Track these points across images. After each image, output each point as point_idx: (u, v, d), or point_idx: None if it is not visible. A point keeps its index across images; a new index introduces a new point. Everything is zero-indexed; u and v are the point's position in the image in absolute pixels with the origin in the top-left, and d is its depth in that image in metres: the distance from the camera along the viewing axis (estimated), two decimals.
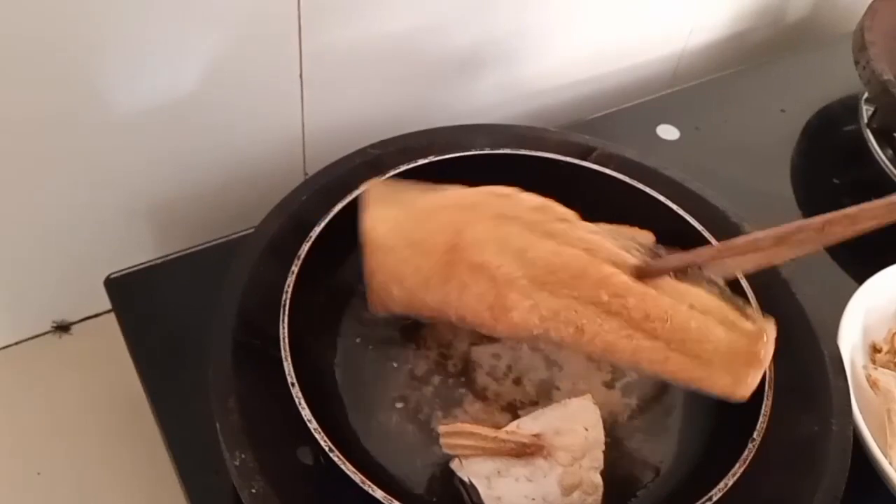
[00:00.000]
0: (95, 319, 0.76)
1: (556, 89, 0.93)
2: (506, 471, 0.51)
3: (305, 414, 0.49)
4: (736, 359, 0.48)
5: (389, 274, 0.53)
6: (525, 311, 0.50)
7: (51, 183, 0.65)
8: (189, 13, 0.60)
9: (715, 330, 0.49)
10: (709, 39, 1.01)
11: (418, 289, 0.53)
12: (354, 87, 0.76)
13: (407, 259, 0.53)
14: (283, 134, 0.75)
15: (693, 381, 0.49)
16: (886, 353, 0.64)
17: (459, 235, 0.52)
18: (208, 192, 0.74)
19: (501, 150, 0.66)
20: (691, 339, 0.49)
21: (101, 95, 0.61)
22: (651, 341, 0.49)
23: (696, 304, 0.50)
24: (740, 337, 0.49)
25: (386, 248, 0.54)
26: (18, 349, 0.74)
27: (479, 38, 0.80)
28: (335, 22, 0.69)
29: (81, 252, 0.70)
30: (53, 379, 0.72)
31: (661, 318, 0.49)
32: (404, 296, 0.53)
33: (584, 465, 0.50)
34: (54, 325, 0.75)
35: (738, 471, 0.48)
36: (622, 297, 0.49)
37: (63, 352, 0.74)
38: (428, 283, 0.52)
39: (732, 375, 0.48)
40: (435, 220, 0.55)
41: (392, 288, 0.53)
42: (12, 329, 0.74)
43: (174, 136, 0.68)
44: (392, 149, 0.66)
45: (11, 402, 0.70)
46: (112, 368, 0.68)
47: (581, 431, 0.51)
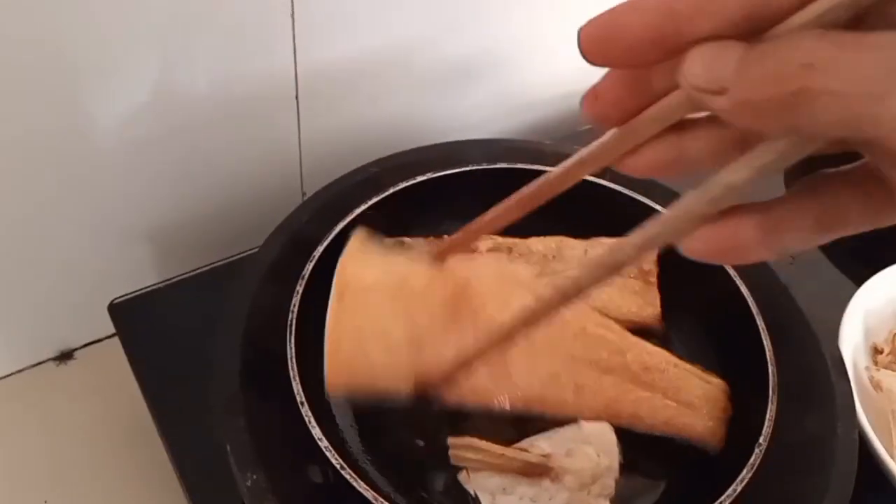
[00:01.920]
0: (98, 345, 0.76)
1: (551, 100, 0.93)
2: (511, 489, 0.51)
3: (316, 433, 0.49)
4: (716, 405, 0.54)
5: (370, 333, 0.48)
6: (525, 375, 0.51)
7: (50, 211, 0.65)
8: (182, 36, 0.61)
9: (696, 380, 0.55)
10: None
11: (405, 347, 0.47)
12: (350, 105, 0.76)
13: (394, 316, 0.48)
14: (279, 154, 0.75)
15: (681, 428, 0.53)
16: (888, 354, 0.64)
17: (462, 290, 0.50)
18: (207, 214, 0.74)
19: (498, 165, 0.67)
20: (685, 388, 0.54)
21: (98, 122, 0.62)
22: (650, 392, 0.53)
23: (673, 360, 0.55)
24: (713, 388, 0.55)
25: (368, 297, 0.49)
26: (21, 377, 0.74)
27: (473, 51, 0.81)
28: (329, 40, 0.69)
29: (83, 278, 0.70)
30: (58, 406, 0.72)
31: (659, 369, 0.54)
32: (384, 359, 0.48)
33: (592, 491, 0.50)
34: (57, 353, 0.75)
35: (745, 476, 0.48)
36: (621, 353, 0.53)
37: (67, 378, 0.74)
38: (417, 339, 0.48)
39: (713, 420, 0.54)
40: (431, 272, 0.51)
41: (370, 351, 0.47)
42: (15, 357, 0.73)
43: (172, 161, 0.68)
44: (390, 166, 0.66)
45: (17, 430, 0.70)
46: (117, 393, 0.69)
47: (593, 457, 0.51)
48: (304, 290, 0.55)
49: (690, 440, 0.54)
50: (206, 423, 0.52)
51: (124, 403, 0.68)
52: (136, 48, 0.59)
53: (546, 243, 0.64)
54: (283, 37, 0.66)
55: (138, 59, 0.60)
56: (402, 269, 0.50)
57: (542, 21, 0.83)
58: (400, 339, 0.48)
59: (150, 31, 0.59)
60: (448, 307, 0.49)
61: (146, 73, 0.62)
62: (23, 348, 0.73)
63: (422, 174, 0.64)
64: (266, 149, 0.74)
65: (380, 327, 0.48)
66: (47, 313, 0.72)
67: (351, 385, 0.47)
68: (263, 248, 0.60)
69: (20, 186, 0.62)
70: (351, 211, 0.61)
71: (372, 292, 0.48)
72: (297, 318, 0.54)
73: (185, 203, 0.72)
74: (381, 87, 0.77)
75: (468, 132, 0.80)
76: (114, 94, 0.61)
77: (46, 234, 0.66)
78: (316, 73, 0.70)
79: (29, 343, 0.74)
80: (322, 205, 0.63)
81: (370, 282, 0.49)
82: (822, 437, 0.53)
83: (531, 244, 0.63)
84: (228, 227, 0.76)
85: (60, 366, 0.75)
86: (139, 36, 0.59)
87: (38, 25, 0.54)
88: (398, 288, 0.49)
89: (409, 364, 0.47)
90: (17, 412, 0.71)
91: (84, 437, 0.70)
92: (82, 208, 0.66)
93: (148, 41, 0.60)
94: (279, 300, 0.55)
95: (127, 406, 0.67)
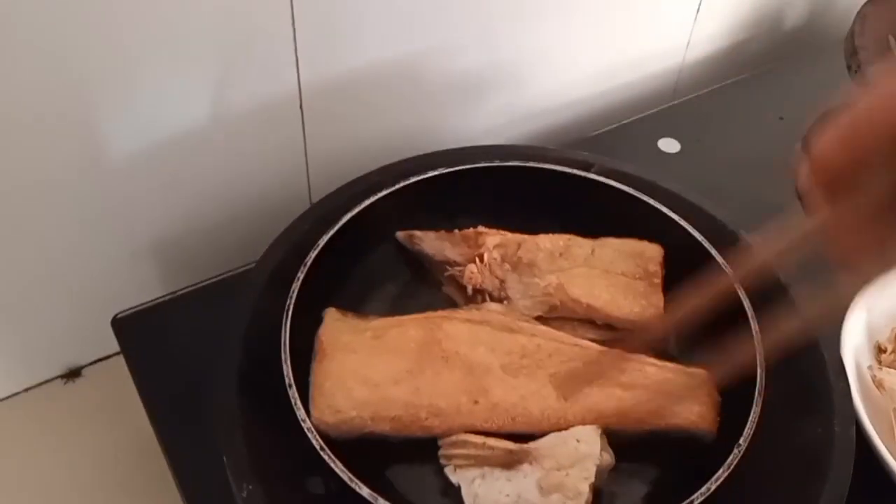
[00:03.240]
0: (106, 362, 0.76)
1: (558, 109, 0.94)
2: (490, 474, 0.52)
3: (316, 443, 0.49)
4: (701, 391, 0.56)
5: (352, 372, 0.54)
6: (504, 392, 0.54)
7: (57, 229, 0.65)
8: (185, 50, 0.61)
9: (677, 374, 0.57)
10: (707, 52, 1.02)
11: (387, 384, 0.54)
12: (355, 115, 0.76)
13: (373, 357, 0.55)
14: (286, 164, 0.76)
15: (670, 418, 0.54)
16: (891, 353, 0.64)
17: (432, 332, 0.56)
18: (215, 226, 0.75)
19: (508, 163, 0.68)
20: (667, 382, 0.56)
21: (103, 137, 0.62)
22: (631, 392, 0.55)
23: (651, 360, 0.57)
24: (695, 377, 0.56)
25: (348, 348, 0.55)
26: (29, 395, 0.74)
27: (479, 61, 0.81)
28: (332, 51, 0.70)
29: (90, 295, 0.71)
30: (66, 424, 0.72)
31: (638, 370, 0.55)
32: (367, 394, 0.53)
33: (571, 473, 0.50)
34: (65, 370, 0.75)
35: (721, 475, 0.48)
36: (598, 362, 0.55)
37: (75, 396, 0.74)
38: (398, 375, 0.54)
39: (701, 405, 0.55)
40: (404, 324, 0.57)
41: (353, 387, 0.53)
42: (23, 375, 0.74)
43: (177, 174, 0.69)
44: (394, 173, 0.67)
45: (25, 448, 0.70)
46: (125, 411, 0.68)
47: (572, 443, 0.52)
48: (297, 296, 0.56)
49: (682, 429, 0.54)
50: (211, 437, 0.52)
51: (133, 421, 0.67)
52: (142, 67, 0.60)
53: (554, 241, 0.64)
54: (285, 50, 0.67)
55: (144, 77, 0.61)
56: (375, 325, 0.57)
57: (547, 32, 0.84)
58: (379, 379, 0.54)
59: (155, 50, 0.60)
60: (422, 351, 0.55)
61: (152, 91, 0.62)
62: (30, 366, 0.74)
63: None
64: (272, 161, 0.75)
65: (360, 370, 0.54)
66: (54, 331, 0.72)
67: (336, 420, 0.52)
68: (263, 258, 0.61)
69: (27, 206, 0.62)
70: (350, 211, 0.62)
71: (350, 347, 0.55)
72: (290, 325, 0.55)
73: (193, 216, 0.73)
74: (387, 98, 0.78)
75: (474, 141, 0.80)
76: (121, 114, 0.62)
77: (53, 252, 0.67)
78: (320, 83, 0.71)
79: (36, 361, 0.74)
80: (323, 214, 0.64)
81: (347, 340, 0.56)
82: (820, 437, 0.53)
83: (539, 241, 0.64)
84: (236, 239, 0.76)
85: (68, 384, 0.75)
86: (145, 56, 0.60)
87: (48, 46, 0.55)
88: (374, 339, 0.56)
89: (389, 400, 0.53)
90: (25, 431, 0.71)
91: (92, 455, 0.70)
92: (89, 226, 0.67)
93: (153, 60, 0.60)
94: (278, 310, 0.56)
95: (135, 424, 0.66)
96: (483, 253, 0.63)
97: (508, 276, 0.62)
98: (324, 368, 0.54)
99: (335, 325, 0.57)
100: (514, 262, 0.63)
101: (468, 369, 0.55)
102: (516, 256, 0.63)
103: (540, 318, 0.61)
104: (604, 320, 0.61)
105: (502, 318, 0.59)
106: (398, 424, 0.53)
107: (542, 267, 0.62)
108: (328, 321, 0.58)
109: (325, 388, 0.53)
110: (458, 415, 0.53)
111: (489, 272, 0.62)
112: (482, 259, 0.62)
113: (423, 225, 0.66)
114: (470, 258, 0.63)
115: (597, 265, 0.63)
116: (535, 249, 0.64)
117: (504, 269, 0.63)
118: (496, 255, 0.63)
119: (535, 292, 0.61)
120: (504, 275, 0.62)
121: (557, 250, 0.64)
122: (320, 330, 0.57)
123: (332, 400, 0.53)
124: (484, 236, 0.64)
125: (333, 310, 0.59)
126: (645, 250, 0.64)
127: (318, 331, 0.57)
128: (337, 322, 0.58)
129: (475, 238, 0.64)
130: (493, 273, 0.62)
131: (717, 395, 0.56)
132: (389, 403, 0.53)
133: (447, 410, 0.53)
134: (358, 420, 0.53)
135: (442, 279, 0.65)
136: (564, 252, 0.64)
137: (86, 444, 0.70)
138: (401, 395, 0.53)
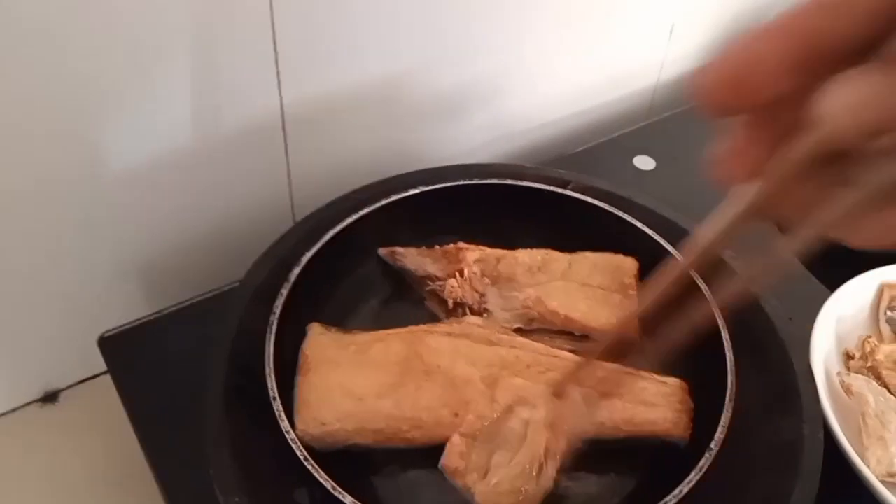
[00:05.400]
0: (84, 385, 0.75)
1: (536, 128, 0.95)
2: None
3: (301, 454, 0.51)
4: (675, 399, 0.57)
5: (336, 385, 0.55)
6: (484, 404, 0.55)
7: (39, 251, 0.65)
8: (170, 77, 0.63)
9: (652, 383, 0.58)
10: (680, 72, 1.04)
11: (369, 396, 0.55)
12: (337, 135, 0.77)
13: (357, 371, 0.56)
14: (270, 183, 0.76)
15: (644, 425, 0.56)
16: (859, 360, 0.66)
17: (414, 346, 0.58)
18: (200, 245, 0.75)
19: (487, 181, 0.70)
20: (642, 391, 0.57)
21: (86, 158, 0.63)
22: (608, 400, 0.56)
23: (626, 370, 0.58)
24: (669, 386, 0.58)
25: (332, 362, 0.57)
26: (5, 420, 0.73)
27: (458, 82, 0.83)
28: (314, 73, 0.71)
29: (70, 317, 0.70)
30: (44, 448, 0.71)
31: (613, 379, 0.57)
32: (350, 407, 0.55)
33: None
34: (42, 394, 0.74)
35: (693, 479, 0.50)
36: (574, 372, 0.55)
37: (52, 420, 0.73)
38: (381, 389, 0.55)
39: (674, 412, 0.56)
40: (387, 339, 0.59)
41: (336, 400, 0.55)
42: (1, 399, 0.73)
43: (161, 195, 0.69)
44: (376, 192, 0.68)
45: (1, 474, 0.69)
46: (104, 434, 0.68)
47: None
48: (281, 311, 0.58)
49: (656, 435, 0.56)
50: (199, 455, 0.52)
51: (111, 445, 0.68)
52: (127, 91, 0.61)
53: (532, 255, 0.66)
54: (268, 72, 0.68)
55: (129, 101, 0.62)
56: (358, 340, 0.59)
57: (524, 54, 0.86)
58: (362, 392, 0.55)
59: (139, 71, 0.61)
60: (404, 364, 0.57)
61: (135, 114, 0.63)
62: (6, 390, 0.73)
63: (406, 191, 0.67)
64: (256, 180, 0.75)
65: (344, 383, 0.55)
66: (32, 354, 0.72)
67: (320, 433, 0.54)
68: (248, 275, 0.62)
69: (7, 227, 0.62)
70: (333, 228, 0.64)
71: (334, 361, 0.57)
72: (275, 339, 0.56)
73: (178, 236, 0.74)
74: (368, 119, 0.79)
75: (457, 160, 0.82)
76: (106, 137, 0.63)
77: (34, 274, 0.67)
78: (302, 104, 0.72)
79: (13, 384, 0.73)
80: (308, 231, 0.65)
81: (331, 354, 0.57)
82: (790, 440, 0.55)
83: (518, 256, 0.66)
84: (221, 257, 0.77)
85: (45, 407, 0.74)
86: (128, 78, 0.60)
87: (35, 69, 0.56)
88: (357, 353, 0.57)
89: (372, 413, 0.54)
90: (1, 456, 0.70)
91: (70, 480, 0.69)
92: (73, 247, 0.67)
93: (137, 82, 0.61)
94: (263, 325, 0.57)
95: (114, 448, 0.67)
96: (463, 268, 0.64)
97: (488, 290, 0.64)
98: (308, 382, 0.56)
99: (319, 339, 0.59)
100: (493, 276, 0.64)
101: (449, 382, 0.56)
102: (496, 271, 0.65)
103: (519, 331, 0.63)
104: (581, 331, 0.62)
105: (482, 330, 0.60)
106: (381, 437, 0.54)
107: (521, 281, 0.64)
108: (312, 336, 0.59)
109: (309, 402, 0.55)
110: (440, 427, 0.54)
111: (469, 286, 0.64)
112: (462, 274, 0.64)
113: (405, 241, 0.68)
114: (451, 273, 0.65)
115: (574, 278, 0.65)
116: (513, 264, 0.65)
117: (484, 283, 0.64)
118: (476, 269, 0.64)
119: (514, 305, 0.63)
120: (484, 289, 0.64)
121: (536, 265, 0.66)
122: (305, 344, 0.58)
123: (316, 413, 0.54)
124: (464, 252, 0.65)
125: (317, 325, 0.60)
126: (621, 264, 0.66)
127: (302, 345, 0.58)
128: (321, 337, 0.59)
129: (456, 254, 0.66)
130: (473, 287, 0.64)
131: (690, 402, 0.57)
132: (372, 416, 0.54)
133: (428, 423, 0.54)
134: (342, 432, 0.54)
135: (423, 294, 0.67)
136: (542, 266, 0.66)
137: (64, 468, 0.70)
138: (383, 408, 0.55)
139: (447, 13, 0.76)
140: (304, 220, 0.67)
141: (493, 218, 0.68)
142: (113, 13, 0.56)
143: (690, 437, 0.56)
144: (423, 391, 0.56)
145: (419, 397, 0.55)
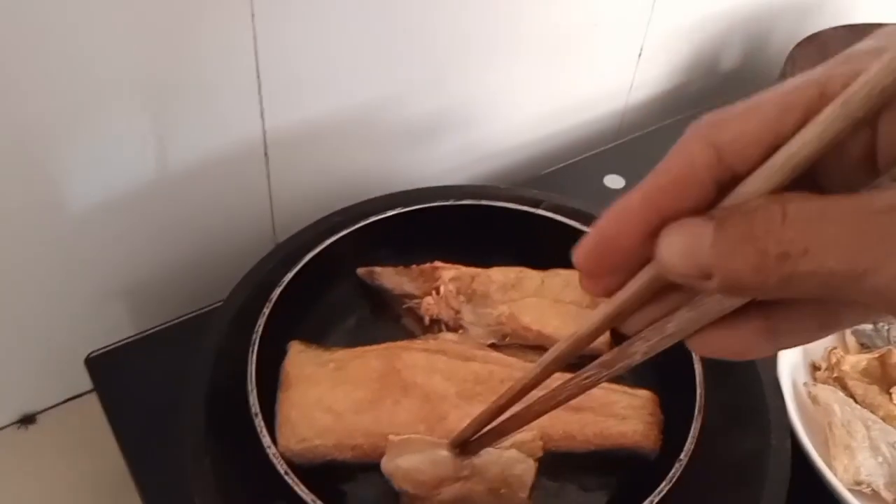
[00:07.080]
0: (62, 407, 0.75)
1: (508, 150, 0.97)
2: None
3: (281, 468, 0.52)
4: (644, 411, 0.59)
5: (315, 401, 0.57)
6: (459, 418, 0.55)
7: (20, 276, 0.66)
8: (152, 103, 0.64)
9: (622, 395, 0.59)
10: (649, 94, 1.07)
11: (349, 413, 0.56)
12: (317, 160, 0.79)
13: (336, 387, 0.58)
14: (252, 207, 0.78)
15: (614, 438, 0.57)
16: (825, 370, 0.68)
17: (391, 362, 0.59)
18: (183, 267, 0.76)
19: (462, 202, 0.72)
20: (612, 404, 0.58)
21: (71, 191, 0.64)
22: (579, 414, 0.57)
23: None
24: (639, 398, 0.60)
25: (312, 379, 0.58)
26: None
27: (433, 108, 0.85)
28: (295, 100, 0.72)
29: (49, 340, 0.71)
30: (21, 472, 0.71)
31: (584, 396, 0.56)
32: (329, 423, 0.56)
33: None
34: (19, 416, 0.74)
35: (664, 489, 0.51)
36: (546, 387, 0.56)
37: (30, 443, 0.73)
38: (359, 404, 0.57)
39: (643, 424, 0.58)
40: (365, 355, 0.60)
41: (316, 416, 0.56)
42: None
43: (145, 222, 0.71)
44: (354, 214, 0.70)
45: None
46: (82, 457, 0.69)
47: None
48: (263, 331, 0.59)
49: (626, 447, 0.57)
50: (181, 470, 0.53)
51: (90, 467, 0.68)
52: (108, 117, 0.62)
53: (506, 273, 0.68)
54: (250, 100, 0.69)
55: (110, 127, 0.63)
56: (337, 357, 0.60)
57: (495, 79, 0.87)
58: (341, 408, 0.56)
59: (121, 100, 0.62)
60: (382, 380, 0.58)
61: (118, 141, 0.64)
62: None
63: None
64: (239, 204, 0.77)
65: (323, 399, 0.57)
66: (10, 376, 0.72)
67: (301, 448, 0.55)
68: (229, 297, 0.63)
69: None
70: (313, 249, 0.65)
71: (314, 377, 0.58)
72: (257, 359, 0.57)
73: (159, 260, 0.75)
74: (347, 143, 0.80)
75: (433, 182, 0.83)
76: (87, 163, 0.64)
77: (14, 299, 0.67)
78: (284, 133, 0.73)
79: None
80: (287, 254, 0.66)
81: (311, 371, 0.59)
82: (757, 450, 0.57)
83: (492, 274, 0.68)
84: (204, 280, 0.78)
85: (21, 430, 0.74)
86: (111, 105, 0.62)
87: (8, 100, 0.56)
88: (337, 370, 0.59)
89: (351, 428, 0.56)
90: None
91: (49, 501, 0.69)
92: (53, 272, 0.68)
93: (120, 110, 0.62)
94: (245, 343, 0.58)
95: (93, 470, 0.67)
96: (439, 286, 0.66)
97: (463, 307, 0.66)
98: (289, 398, 0.57)
99: (299, 356, 0.60)
100: (468, 293, 0.66)
101: (425, 397, 0.57)
102: (470, 289, 0.66)
103: (493, 346, 0.64)
104: (522, 367, 0.64)
105: (457, 346, 0.62)
106: (359, 452, 0.56)
107: (495, 298, 0.66)
108: (293, 353, 0.61)
109: (290, 417, 0.56)
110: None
111: (445, 304, 0.65)
112: (438, 292, 0.66)
113: (383, 261, 0.69)
114: (427, 291, 0.66)
115: (547, 295, 0.66)
116: (488, 282, 0.67)
117: (459, 300, 0.66)
118: (451, 287, 0.66)
119: (489, 321, 0.65)
120: (459, 306, 0.66)
121: (509, 282, 0.67)
122: (285, 362, 0.60)
123: (297, 428, 0.55)
124: (440, 271, 0.67)
125: (298, 342, 0.62)
126: None
127: (283, 363, 0.60)
128: (301, 354, 0.60)
129: (432, 272, 0.67)
130: (448, 304, 0.65)
131: (660, 414, 0.59)
132: (351, 432, 0.56)
133: None
134: (322, 448, 0.55)
135: (401, 312, 0.68)
136: (516, 284, 0.67)
137: (42, 491, 0.70)
138: (362, 423, 0.56)
139: (419, 44, 0.78)
140: (285, 241, 0.69)
141: (468, 237, 0.70)
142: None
143: (660, 449, 0.58)
144: (401, 407, 0.57)
145: (397, 413, 0.56)
